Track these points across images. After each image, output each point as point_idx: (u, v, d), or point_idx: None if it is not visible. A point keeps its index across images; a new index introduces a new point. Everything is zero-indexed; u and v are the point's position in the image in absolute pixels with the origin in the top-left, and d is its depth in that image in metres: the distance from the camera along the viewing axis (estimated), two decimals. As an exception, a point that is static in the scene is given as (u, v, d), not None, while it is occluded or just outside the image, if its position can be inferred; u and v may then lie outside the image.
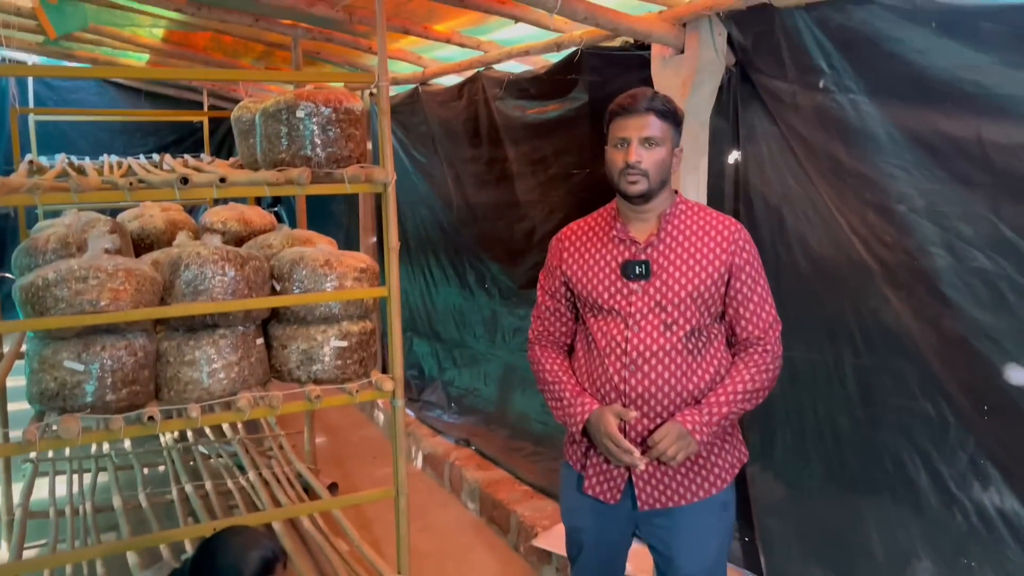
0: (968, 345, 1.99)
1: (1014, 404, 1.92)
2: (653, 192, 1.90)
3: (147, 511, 3.64)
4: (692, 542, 1.99)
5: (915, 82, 1.96)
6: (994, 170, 1.86)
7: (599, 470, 2.01)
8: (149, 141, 7.94)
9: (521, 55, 3.27)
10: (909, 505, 2.22)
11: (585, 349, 2.04)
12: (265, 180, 2.57)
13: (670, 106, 1.89)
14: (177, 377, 2.59)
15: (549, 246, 2.13)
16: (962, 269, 1.98)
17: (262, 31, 3.97)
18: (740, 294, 1.93)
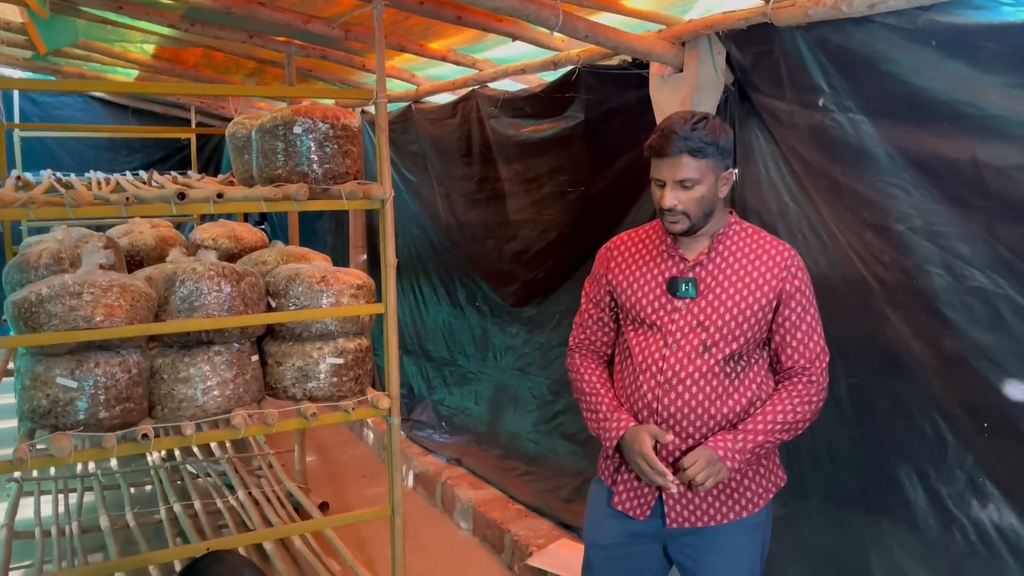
0: (967, 364, 1.98)
1: (1013, 422, 1.92)
2: (697, 227, 1.88)
3: (135, 531, 3.58)
4: (722, 563, 1.97)
5: (913, 102, 1.97)
6: (988, 192, 1.86)
7: (629, 486, 1.99)
8: (135, 158, 7.91)
9: (517, 73, 3.28)
10: (906, 525, 2.20)
11: (622, 362, 2.03)
12: (262, 196, 2.55)
13: (707, 139, 1.79)
14: (171, 394, 2.55)
15: (597, 255, 2.11)
16: (960, 288, 1.98)
17: (255, 48, 3.97)
18: (788, 321, 1.90)
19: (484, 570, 3.56)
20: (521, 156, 3.69)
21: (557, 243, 3.68)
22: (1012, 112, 1.77)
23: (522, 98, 3.41)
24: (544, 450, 3.95)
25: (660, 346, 1.90)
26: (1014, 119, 1.77)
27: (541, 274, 3.87)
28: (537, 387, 4.05)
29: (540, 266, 3.87)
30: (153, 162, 7.87)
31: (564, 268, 3.69)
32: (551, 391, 3.94)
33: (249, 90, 3.15)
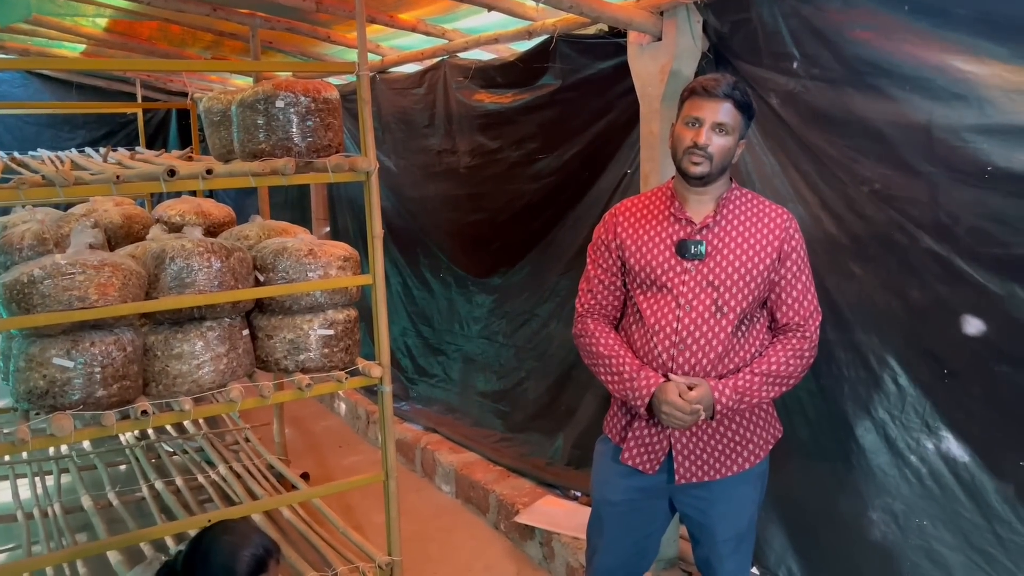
0: (931, 314, 2.11)
1: (973, 368, 2.04)
2: (713, 177, 1.96)
3: (119, 509, 3.59)
4: (729, 512, 2.10)
5: (880, 67, 2.06)
6: (934, 157, 1.96)
7: (641, 442, 2.08)
8: (79, 135, 7.68)
9: (489, 43, 3.31)
10: (866, 471, 2.32)
11: (630, 324, 2.10)
12: (249, 171, 2.57)
13: (748, 99, 1.94)
14: (166, 371, 2.57)
15: (603, 220, 2.17)
16: (916, 248, 2.09)
17: (217, 20, 3.91)
18: (784, 280, 2.01)
19: (470, 530, 3.66)
20: (489, 126, 3.71)
21: (524, 212, 3.72)
22: (972, 76, 1.84)
23: (494, 67, 3.44)
24: (516, 416, 4.04)
25: (673, 307, 1.98)
26: (974, 82, 1.84)
27: (507, 243, 3.91)
28: (505, 355, 4.11)
29: (506, 235, 3.91)
30: (97, 139, 7.66)
31: (531, 236, 3.75)
32: (517, 358, 4.01)
33: (214, 65, 3.13)
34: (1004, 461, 2.01)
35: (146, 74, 6.51)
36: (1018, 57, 1.73)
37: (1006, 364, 1.94)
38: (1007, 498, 2.01)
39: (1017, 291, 1.88)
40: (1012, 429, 1.98)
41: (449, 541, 3.57)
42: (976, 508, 2.08)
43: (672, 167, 2.63)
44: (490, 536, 3.60)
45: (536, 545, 3.31)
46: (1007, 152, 1.76)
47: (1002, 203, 1.84)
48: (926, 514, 2.20)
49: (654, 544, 2.27)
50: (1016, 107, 1.73)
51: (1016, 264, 1.87)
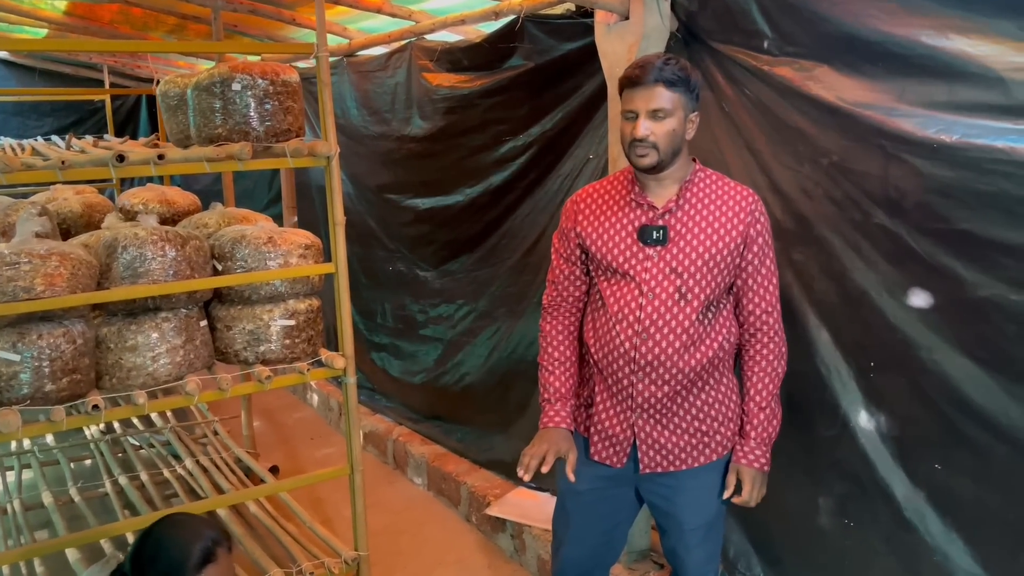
0: (866, 299, 2.03)
1: (898, 359, 1.97)
2: (665, 163, 1.89)
3: (81, 506, 3.50)
4: (695, 501, 2.05)
5: (849, 43, 1.98)
6: (885, 131, 1.89)
7: (604, 436, 2.05)
8: (46, 122, 7.52)
9: (456, 24, 3.22)
10: (806, 467, 2.25)
11: (595, 311, 2.05)
12: (204, 156, 2.48)
13: (681, 74, 1.84)
14: (119, 364, 2.49)
15: (563, 208, 2.11)
16: (867, 224, 2.02)
17: (177, 2, 3.80)
18: (751, 265, 1.96)
19: (442, 523, 3.60)
20: (452, 110, 3.60)
21: (483, 199, 3.63)
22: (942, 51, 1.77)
23: (460, 49, 3.35)
24: (467, 410, 3.93)
25: (636, 295, 1.93)
26: (940, 57, 1.77)
27: (463, 231, 3.80)
28: (455, 348, 3.99)
29: (463, 223, 3.79)
30: (66, 126, 7.50)
31: (488, 224, 3.65)
32: (469, 351, 3.89)
33: (175, 46, 3.03)
34: (920, 464, 1.95)
35: (112, 59, 6.35)
36: (988, 30, 1.66)
37: (938, 351, 1.88)
38: (916, 506, 1.95)
39: (958, 269, 1.81)
40: (931, 426, 1.92)
41: (420, 534, 3.51)
42: (891, 514, 2.02)
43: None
44: (462, 528, 3.54)
45: (507, 538, 3.26)
46: (962, 127, 1.70)
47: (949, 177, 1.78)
48: (855, 515, 2.14)
49: (622, 534, 2.22)
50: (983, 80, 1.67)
51: (956, 239, 1.80)
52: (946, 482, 1.89)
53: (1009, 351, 1.72)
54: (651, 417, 1.98)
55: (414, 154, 3.93)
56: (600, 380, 2.05)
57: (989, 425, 1.78)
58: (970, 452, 1.83)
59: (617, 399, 2.01)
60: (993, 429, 1.77)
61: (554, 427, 2.08)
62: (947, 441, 1.88)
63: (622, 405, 2.01)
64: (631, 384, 1.96)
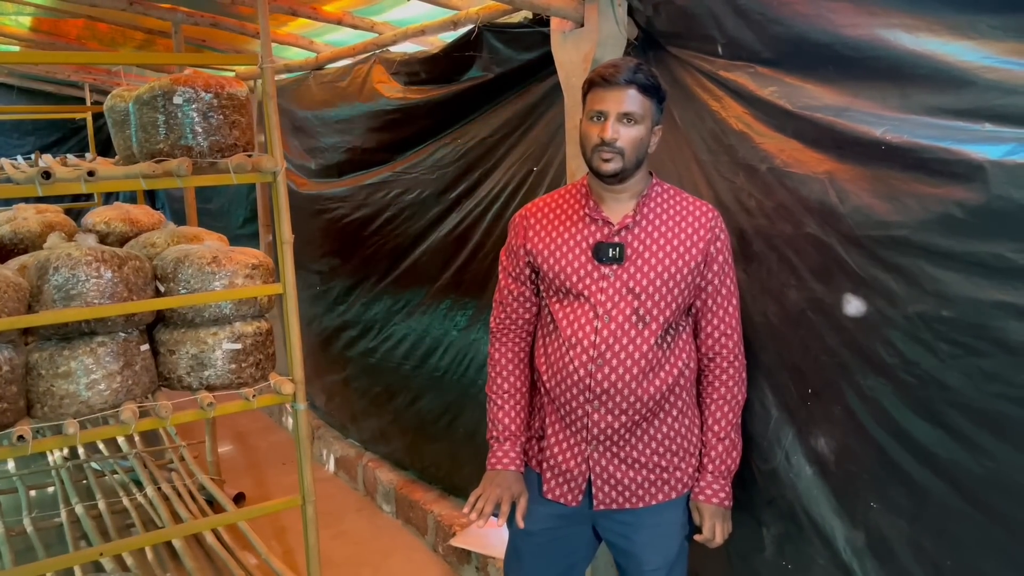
0: (804, 317, 1.85)
1: (835, 386, 1.79)
2: (628, 172, 1.77)
3: (32, 537, 3.37)
4: (655, 539, 1.91)
5: (803, 46, 1.82)
6: (834, 131, 1.72)
7: (557, 471, 1.90)
8: (28, 141, 7.44)
9: (416, 35, 3.11)
10: (739, 502, 2.03)
11: (548, 337, 1.91)
12: (140, 172, 2.36)
13: (655, 81, 1.75)
14: (51, 391, 2.36)
15: (511, 223, 1.98)
16: (799, 235, 1.84)
17: (137, 16, 3.70)
18: (711, 285, 1.84)
19: (408, 553, 3.45)
20: (402, 122, 3.47)
21: (418, 215, 3.50)
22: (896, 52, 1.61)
23: (418, 60, 3.22)
24: (443, 436, 3.70)
25: (591, 318, 1.79)
26: (887, 58, 1.62)
27: (396, 249, 3.65)
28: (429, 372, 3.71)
29: (396, 240, 3.65)
30: (48, 145, 7.44)
31: (415, 241, 3.52)
32: (410, 378, 3.72)
33: (130, 57, 2.95)
34: (857, 502, 1.77)
35: (91, 77, 6.27)
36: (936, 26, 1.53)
37: (872, 376, 1.69)
38: (855, 549, 1.77)
39: (888, 282, 1.63)
40: (867, 460, 1.72)
41: (384, 565, 3.36)
42: (830, 557, 1.83)
43: (599, 163, 2.47)
44: (428, 559, 3.39)
45: (473, 570, 3.11)
46: (909, 127, 1.56)
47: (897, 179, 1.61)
48: (791, 558, 1.96)
49: (578, 575, 2.07)
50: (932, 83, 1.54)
51: (893, 246, 1.62)
52: (883, 522, 1.72)
53: (941, 374, 1.55)
54: (607, 450, 1.84)
55: (363, 164, 3.81)
56: (552, 410, 1.91)
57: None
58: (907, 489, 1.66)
59: (571, 430, 1.87)
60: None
61: (503, 469, 1.94)
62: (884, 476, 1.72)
63: (576, 437, 1.86)
64: (586, 414, 1.82)
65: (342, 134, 3.91)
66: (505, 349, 2.01)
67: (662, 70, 2.29)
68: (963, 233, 1.46)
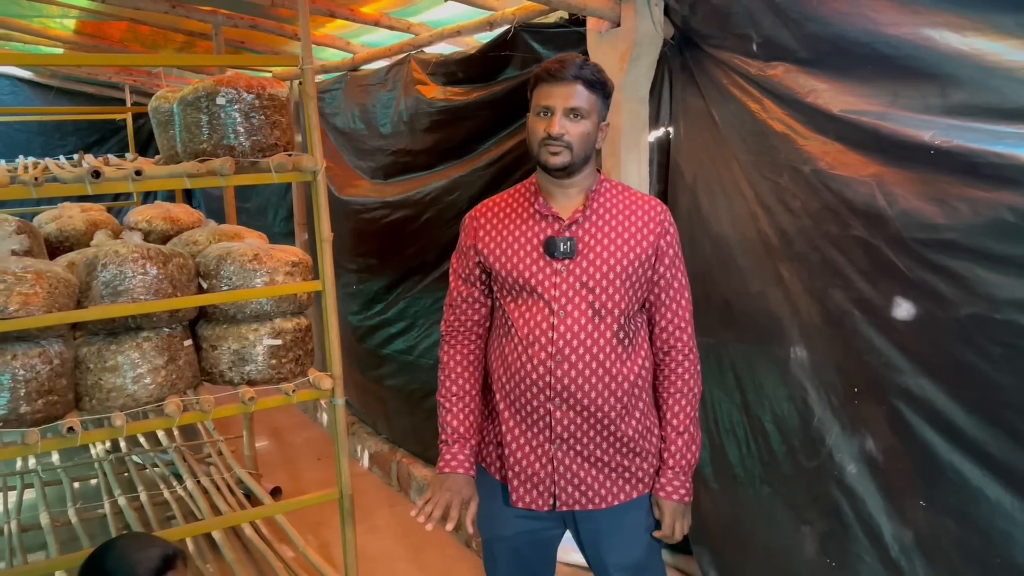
0: (849, 318, 1.88)
1: (881, 385, 1.81)
2: (576, 166, 1.77)
3: (77, 527, 3.45)
4: (620, 540, 1.90)
5: (841, 45, 1.85)
6: (880, 136, 1.74)
7: (524, 477, 1.87)
8: (69, 141, 7.59)
9: (452, 36, 3.15)
10: (785, 498, 2.09)
11: (503, 337, 1.88)
12: (185, 172, 2.42)
13: (600, 76, 1.75)
14: (99, 384, 2.43)
15: (462, 225, 1.96)
16: (846, 237, 1.87)
17: (179, 18, 3.78)
18: (663, 279, 1.84)
19: (442, 548, 3.49)
20: (446, 123, 3.48)
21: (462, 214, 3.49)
22: (936, 53, 1.63)
23: (454, 61, 3.26)
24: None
25: (547, 315, 1.78)
26: (929, 58, 1.64)
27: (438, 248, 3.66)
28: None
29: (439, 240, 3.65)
30: (88, 145, 7.58)
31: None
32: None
33: (172, 59, 3.01)
34: (905, 500, 1.77)
35: (131, 79, 6.40)
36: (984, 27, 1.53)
37: (922, 376, 1.71)
38: (904, 546, 1.77)
39: (938, 284, 1.65)
40: (916, 459, 1.74)
41: (418, 560, 3.40)
42: (877, 555, 1.84)
43: (635, 161, 2.49)
44: (461, 555, 3.43)
45: (506, 564, 3.13)
46: (957, 131, 1.56)
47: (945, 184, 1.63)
48: (835, 555, 1.96)
49: (550, 573, 2.08)
50: (977, 84, 1.54)
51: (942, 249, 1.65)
52: (932, 520, 1.73)
53: (994, 376, 1.56)
54: (571, 448, 1.82)
55: (409, 167, 3.85)
56: (512, 414, 1.87)
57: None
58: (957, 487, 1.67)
59: (532, 432, 1.84)
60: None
61: (451, 472, 1.89)
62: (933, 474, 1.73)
63: (539, 438, 1.84)
64: (548, 413, 1.80)
65: (382, 137, 3.95)
66: (455, 352, 1.99)
67: (699, 69, 2.31)
68: (1015, 237, 1.47)
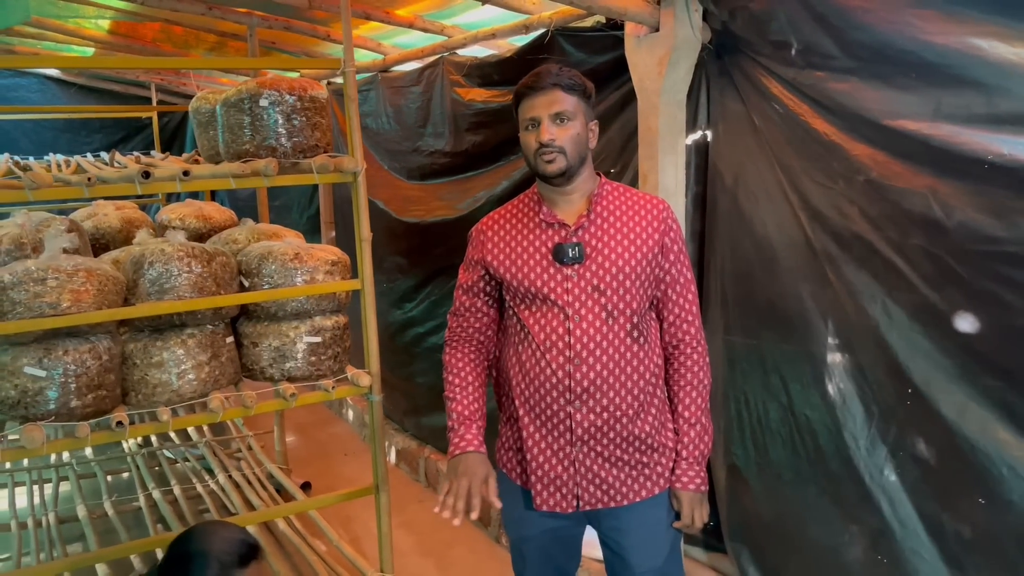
0: (906, 322, 1.91)
1: (942, 385, 1.83)
2: (573, 170, 1.82)
3: (114, 519, 3.52)
4: (643, 540, 1.93)
5: (884, 53, 1.88)
6: (932, 146, 1.77)
7: (547, 480, 1.89)
8: (95, 139, 7.69)
9: (487, 39, 3.19)
10: (830, 497, 2.12)
11: (519, 344, 1.91)
12: (230, 172, 2.48)
13: (577, 80, 1.80)
14: (145, 380, 2.49)
15: (468, 238, 2.02)
16: (904, 245, 1.89)
17: (215, 20, 3.84)
18: (669, 275, 1.89)
19: (471, 544, 3.54)
20: (483, 124, 3.53)
21: None
22: (982, 61, 1.65)
23: (490, 64, 3.31)
24: None
25: (562, 320, 1.82)
26: (984, 67, 1.65)
27: None
28: None
29: None
30: (114, 143, 7.66)
31: None
32: None
33: (208, 62, 3.05)
34: (963, 498, 1.79)
35: (158, 77, 6.48)
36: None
37: (990, 376, 1.73)
38: (962, 543, 1.79)
39: (1002, 294, 1.68)
40: (976, 459, 1.76)
41: (447, 555, 3.45)
42: (934, 551, 1.87)
43: (672, 164, 2.53)
44: (491, 550, 3.47)
45: (537, 560, 3.18)
46: (1010, 141, 1.59)
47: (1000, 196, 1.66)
48: (886, 551, 1.99)
49: (572, 569, 2.12)
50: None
51: (1005, 262, 1.68)
52: (991, 518, 1.76)
53: None
54: (591, 450, 1.86)
55: (446, 169, 3.89)
56: (532, 419, 1.89)
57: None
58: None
59: (553, 436, 1.87)
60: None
61: (461, 453, 1.89)
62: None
63: (559, 441, 1.87)
64: (568, 416, 1.84)
65: (416, 138, 4.00)
66: (458, 353, 2.04)
67: (737, 74, 2.34)
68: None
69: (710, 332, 2.35)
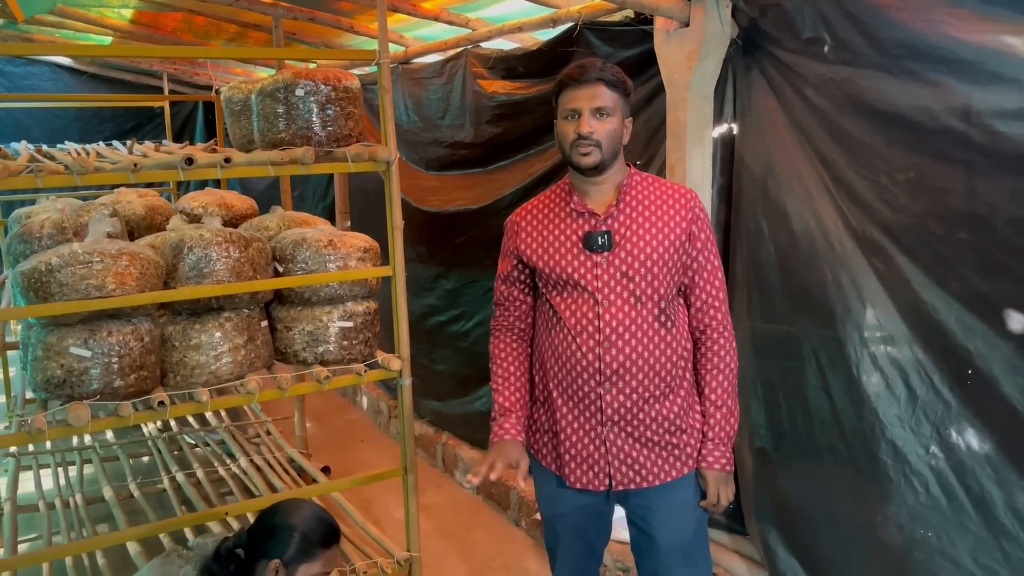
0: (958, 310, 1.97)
1: (999, 368, 1.89)
2: (606, 163, 1.90)
3: (140, 501, 3.58)
4: (670, 519, 2.02)
5: (916, 50, 1.94)
6: (972, 143, 1.84)
7: (580, 460, 1.99)
8: (106, 128, 7.74)
9: (512, 32, 3.25)
10: (870, 479, 2.19)
11: (552, 329, 2.00)
12: (269, 160, 2.54)
13: (620, 76, 1.88)
14: (183, 361, 2.55)
15: (504, 228, 2.11)
16: (950, 238, 1.95)
17: (240, 11, 3.89)
18: (696, 263, 1.96)
19: (491, 527, 3.61)
20: (506, 116, 3.59)
21: None
22: (1014, 57, 1.72)
23: (516, 56, 3.37)
24: None
25: (592, 305, 1.91)
26: (1016, 63, 1.72)
27: None
28: None
29: None
30: (125, 131, 7.71)
31: None
32: None
33: (243, 52, 3.10)
34: (1019, 471, 1.87)
35: (172, 67, 6.53)
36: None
37: None
38: (1016, 512, 1.87)
39: None
40: None
41: (469, 538, 3.53)
42: (983, 521, 1.95)
43: (699, 156, 2.59)
44: (510, 533, 3.55)
45: (557, 543, 3.25)
46: None
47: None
48: (931, 525, 2.06)
49: (602, 546, 2.22)
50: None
51: None
52: None
53: None
54: (622, 430, 1.95)
55: (466, 160, 3.95)
56: (564, 400, 2.00)
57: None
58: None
59: (585, 416, 1.97)
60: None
61: (499, 440, 2.02)
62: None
63: (591, 422, 1.96)
64: (599, 396, 1.93)
65: (438, 129, 4.05)
66: (500, 343, 2.15)
67: (766, 69, 2.41)
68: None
69: (737, 319, 2.42)
